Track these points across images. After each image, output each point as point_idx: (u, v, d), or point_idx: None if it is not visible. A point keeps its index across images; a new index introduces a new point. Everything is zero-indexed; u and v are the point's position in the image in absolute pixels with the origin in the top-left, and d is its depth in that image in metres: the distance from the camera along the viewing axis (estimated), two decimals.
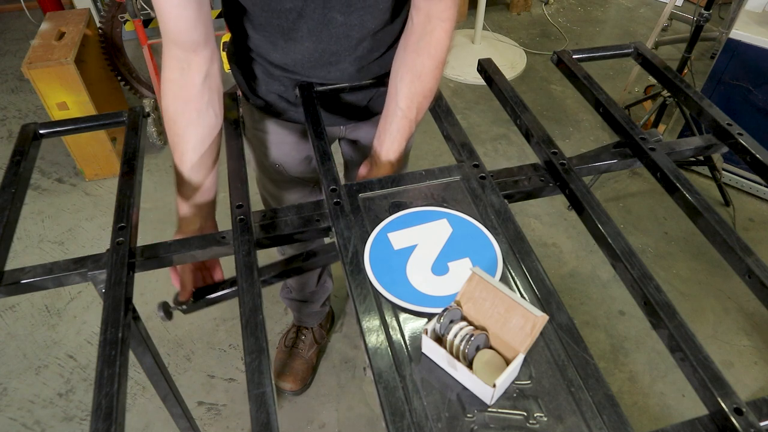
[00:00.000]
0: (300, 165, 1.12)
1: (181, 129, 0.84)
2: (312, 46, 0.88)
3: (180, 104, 0.83)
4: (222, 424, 1.54)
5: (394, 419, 0.53)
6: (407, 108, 0.88)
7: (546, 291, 0.65)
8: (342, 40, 0.87)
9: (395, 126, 0.90)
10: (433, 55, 0.85)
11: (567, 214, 2.14)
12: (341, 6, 0.82)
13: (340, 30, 0.86)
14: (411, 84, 0.87)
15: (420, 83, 0.87)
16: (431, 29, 0.84)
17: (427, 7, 0.83)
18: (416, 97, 0.88)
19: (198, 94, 0.83)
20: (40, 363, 1.67)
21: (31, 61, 1.90)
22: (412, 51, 0.86)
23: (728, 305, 1.84)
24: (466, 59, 2.96)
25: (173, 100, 0.83)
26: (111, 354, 0.60)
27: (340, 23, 0.85)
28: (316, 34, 0.86)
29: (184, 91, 0.82)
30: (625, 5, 3.61)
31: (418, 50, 0.85)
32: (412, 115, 0.89)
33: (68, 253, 2.00)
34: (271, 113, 1.03)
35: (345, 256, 0.69)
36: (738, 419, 0.53)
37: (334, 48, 0.89)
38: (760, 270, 0.67)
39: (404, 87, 0.87)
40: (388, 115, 0.91)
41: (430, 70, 0.86)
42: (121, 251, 0.71)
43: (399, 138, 0.91)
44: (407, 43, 0.87)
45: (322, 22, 0.84)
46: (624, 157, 0.89)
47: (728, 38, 1.96)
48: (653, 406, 1.58)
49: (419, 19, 0.84)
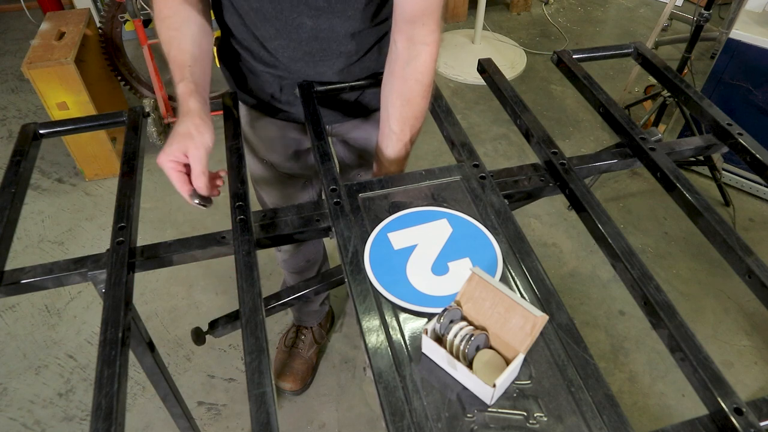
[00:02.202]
0: (288, 161, 1.12)
1: (177, 24, 0.83)
2: (284, 44, 0.89)
3: (175, 5, 0.83)
4: (222, 424, 1.54)
5: (394, 419, 0.53)
6: (400, 131, 0.90)
7: (546, 291, 0.65)
8: (313, 42, 0.88)
9: (391, 149, 0.92)
10: (420, 81, 0.86)
11: (567, 214, 2.14)
12: (309, 10, 0.83)
13: (310, 33, 0.87)
14: (402, 109, 0.88)
15: (410, 108, 0.88)
16: (416, 54, 0.84)
17: (410, 31, 0.82)
18: (408, 120, 0.89)
19: (192, 1, 0.84)
20: (40, 363, 1.67)
21: (31, 61, 1.90)
22: (399, 77, 0.87)
23: (728, 305, 1.84)
24: (466, 59, 2.95)
25: (165, 3, 0.84)
26: (111, 354, 0.60)
27: (309, 27, 0.86)
28: (285, 35, 0.87)
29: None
30: (625, 5, 3.61)
31: (405, 77, 0.86)
32: (406, 138, 0.91)
33: (68, 253, 2.00)
34: (257, 110, 1.04)
35: (345, 256, 0.69)
36: (738, 419, 0.54)
37: (307, 48, 0.89)
38: (760, 270, 0.67)
39: (395, 112, 0.89)
40: (383, 139, 0.93)
41: (419, 93, 0.87)
42: (121, 251, 0.71)
43: (396, 162, 0.93)
44: (393, 69, 0.87)
45: (291, 25, 0.85)
46: (624, 157, 0.89)
47: (728, 38, 1.96)
48: (653, 406, 1.58)
49: (403, 44, 0.84)
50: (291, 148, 1.10)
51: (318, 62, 0.92)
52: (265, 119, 1.05)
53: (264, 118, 1.05)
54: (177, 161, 0.76)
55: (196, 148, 0.75)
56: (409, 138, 0.92)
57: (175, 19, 0.83)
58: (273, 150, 1.10)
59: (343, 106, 1.03)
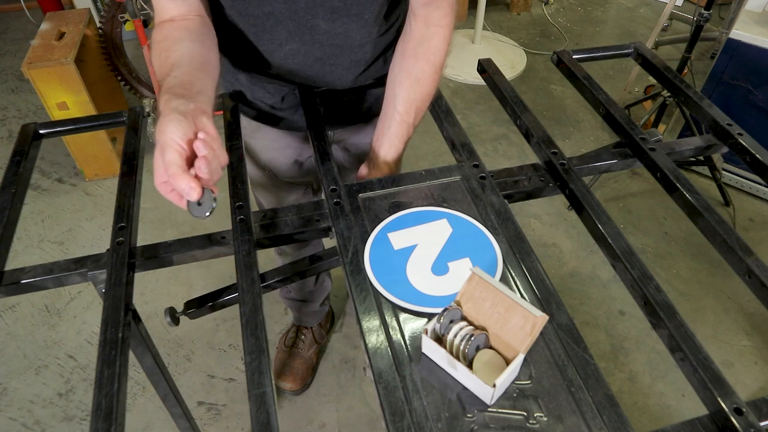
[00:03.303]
0: (290, 170, 1.12)
1: (168, 45, 0.73)
2: (296, 48, 0.87)
3: (171, 29, 0.76)
4: (222, 424, 1.54)
5: (394, 419, 0.53)
6: (405, 112, 0.88)
7: (546, 291, 0.65)
8: (326, 47, 0.87)
9: (393, 130, 0.89)
10: (431, 61, 0.85)
11: (567, 214, 2.14)
12: (324, 12, 0.82)
13: (324, 38, 0.85)
14: (410, 89, 0.87)
15: (419, 88, 0.87)
16: (430, 35, 0.84)
17: (426, 14, 0.83)
18: (415, 102, 0.88)
19: (190, 25, 0.76)
20: (40, 363, 1.67)
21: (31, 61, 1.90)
22: (410, 56, 0.86)
23: (728, 305, 1.84)
24: (466, 59, 2.95)
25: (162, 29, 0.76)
26: (111, 354, 0.60)
27: (323, 30, 0.84)
28: (298, 38, 0.85)
29: (178, 23, 0.76)
30: (625, 5, 3.61)
31: (417, 55, 0.85)
32: (410, 120, 0.89)
33: (68, 253, 2.00)
34: (258, 120, 1.03)
35: (345, 256, 0.69)
36: (738, 419, 0.54)
37: (319, 54, 0.88)
38: (760, 270, 0.67)
39: (403, 92, 0.87)
40: (386, 119, 0.90)
41: (429, 75, 0.86)
42: (121, 251, 0.71)
43: (397, 142, 0.90)
44: (405, 49, 0.86)
45: (305, 27, 0.84)
46: (624, 157, 0.89)
47: (728, 38, 1.96)
48: (653, 406, 1.58)
49: (417, 26, 0.84)
50: (292, 157, 1.10)
51: (328, 71, 0.91)
52: (265, 129, 1.04)
53: (265, 128, 1.04)
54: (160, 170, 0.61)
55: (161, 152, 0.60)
56: (413, 121, 0.89)
57: (167, 40, 0.75)
58: (274, 159, 1.10)
59: (344, 110, 1.03)
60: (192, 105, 0.63)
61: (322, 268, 0.91)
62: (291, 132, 1.05)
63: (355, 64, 0.91)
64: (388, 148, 0.91)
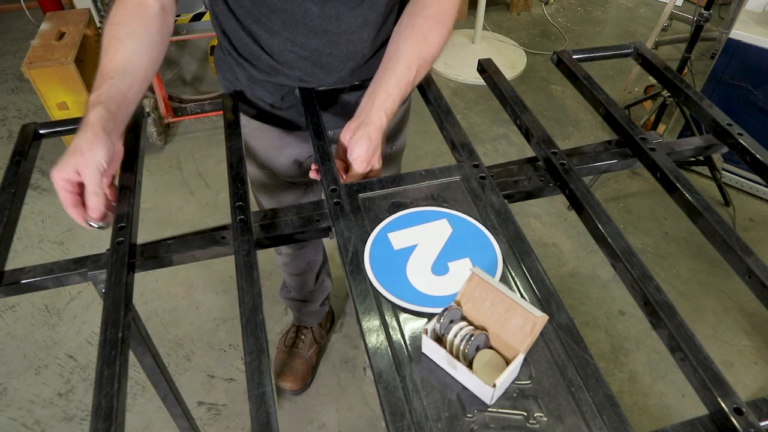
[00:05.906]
0: (289, 169, 1.12)
1: (122, 34, 0.78)
2: (291, 38, 0.87)
3: (129, 15, 0.79)
4: (222, 424, 1.54)
5: (394, 419, 0.53)
6: (407, 68, 0.83)
7: (546, 291, 0.65)
8: (321, 35, 0.86)
9: (393, 82, 0.82)
10: (440, 22, 0.84)
11: (567, 214, 2.14)
12: None
13: (317, 23, 0.85)
14: (416, 45, 0.83)
15: (426, 46, 0.84)
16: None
17: None
18: (418, 59, 0.84)
19: (150, 15, 0.79)
20: (40, 363, 1.67)
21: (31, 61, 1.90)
22: (418, 16, 0.84)
23: (728, 305, 1.84)
24: (466, 59, 2.95)
25: (121, 8, 0.79)
26: (111, 354, 0.60)
27: (315, 14, 0.84)
28: (292, 26, 0.85)
29: (138, 9, 0.79)
30: (625, 5, 3.61)
31: (425, 16, 0.84)
32: (411, 76, 0.84)
33: (68, 253, 2.00)
34: (258, 119, 1.03)
35: (345, 256, 0.69)
36: (738, 419, 0.53)
37: (314, 44, 0.88)
38: (760, 270, 0.67)
39: (408, 47, 0.83)
40: (385, 72, 0.84)
41: (437, 35, 0.84)
42: (121, 251, 0.71)
43: (394, 95, 0.83)
44: (413, 11, 0.85)
45: (297, 13, 0.84)
46: (624, 157, 0.89)
47: (728, 38, 1.96)
48: (653, 406, 1.58)
49: None
50: (292, 157, 1.09)
51: (325, 63, 0.91)
52: (265, 128, 1.04)
53: (265, 128, 1.04)
54: (68, 180, 0.70)
55: (86, 166, 0.69)
56: (413, 78, 0.84)
57: (123, 29, 0.78)
58: (274, 158, 1.10)
59: (344, 110, 1.03)
60: (116, 128, 0.74)
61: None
62: (291, 132, 1.05)
63: (352, 55, 0.91)
64: (384, 98, 0.82)
